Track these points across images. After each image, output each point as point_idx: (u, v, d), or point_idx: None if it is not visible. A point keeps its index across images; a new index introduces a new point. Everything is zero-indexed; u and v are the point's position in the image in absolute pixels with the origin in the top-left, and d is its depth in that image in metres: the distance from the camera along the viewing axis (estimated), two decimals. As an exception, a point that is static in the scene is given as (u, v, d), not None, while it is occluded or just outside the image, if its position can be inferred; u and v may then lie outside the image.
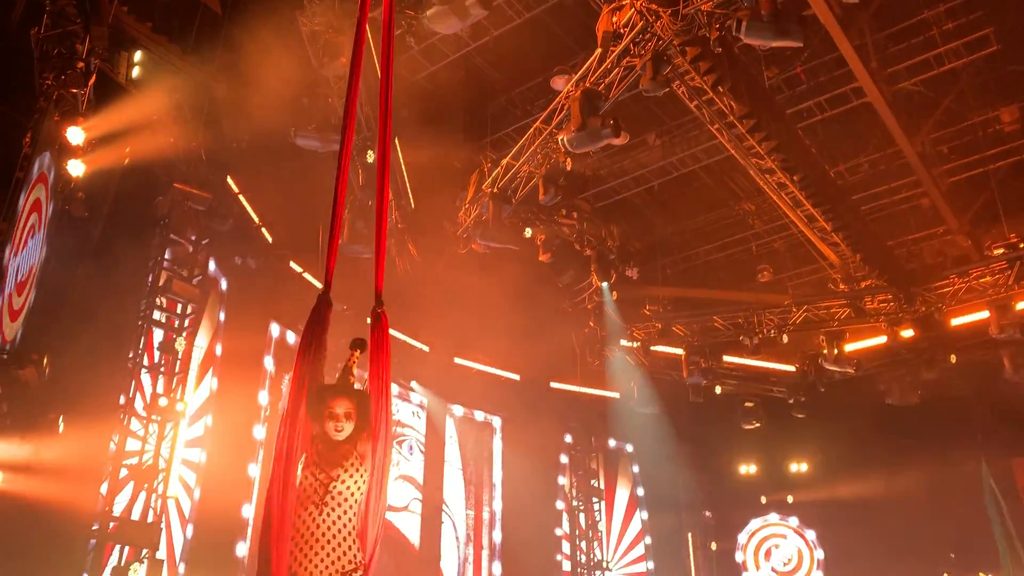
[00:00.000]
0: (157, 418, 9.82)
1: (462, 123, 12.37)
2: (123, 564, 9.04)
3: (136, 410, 9.75)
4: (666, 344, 15.06)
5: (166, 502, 9.73)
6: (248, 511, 10.78)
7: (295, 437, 3.83)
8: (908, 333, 13.29)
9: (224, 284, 11.66)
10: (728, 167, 13.17)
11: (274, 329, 12.39)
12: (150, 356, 10.24)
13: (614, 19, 9.51)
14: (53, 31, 8.12)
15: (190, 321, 10.63)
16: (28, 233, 7.64)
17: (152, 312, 10.22)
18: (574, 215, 12.64)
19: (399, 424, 14.25)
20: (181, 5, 10.45)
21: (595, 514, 16.43)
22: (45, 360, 6.79)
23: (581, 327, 15.34)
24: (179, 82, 9.81)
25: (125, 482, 9.41)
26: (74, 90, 7.88)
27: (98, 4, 8.28)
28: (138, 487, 9.45)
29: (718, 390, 15.08)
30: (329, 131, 10.09)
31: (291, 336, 12.47)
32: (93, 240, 8.95)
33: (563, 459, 16.69)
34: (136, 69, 9.07)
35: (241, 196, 11.31)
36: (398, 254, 12.09)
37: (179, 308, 10.61)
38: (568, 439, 16.82)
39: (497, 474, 15.64)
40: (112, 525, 9.09)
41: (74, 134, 8.00)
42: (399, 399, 14.33)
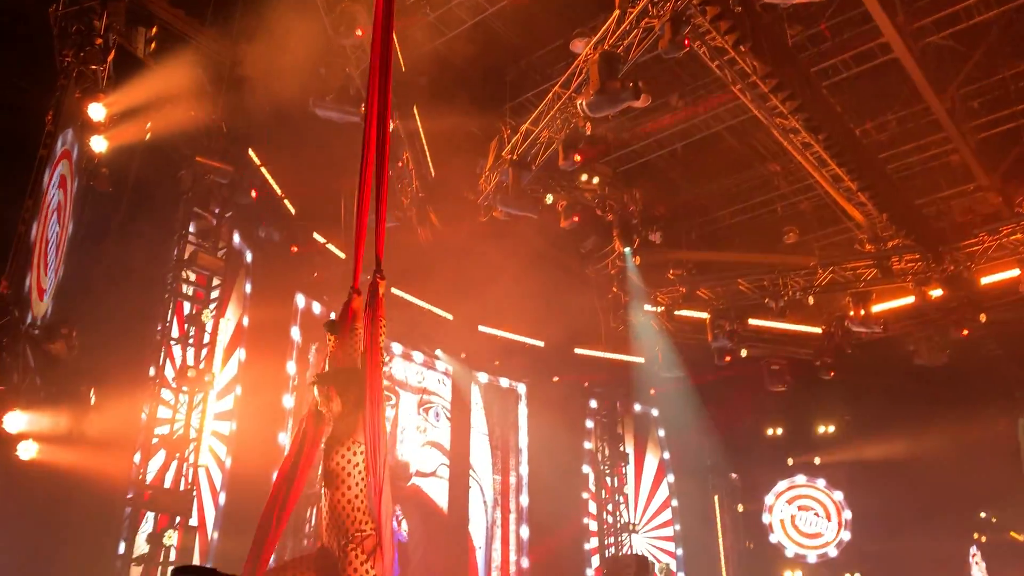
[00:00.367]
0: (187, 389, 10.02)
1: (481, 89, 12.28)
2: (158, 531, 9.30)
3: (166, 381, 9.96)
4: (690, 308, 14.99)
5: (197, 471, 9.95)
6: (279, 478, 10.97)
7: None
8: (937, 293, 13.11)
9: (249, 256, 11.78)
10: (753, 127, 12.94)
11: (299, 300, 12.53)
12: (181, 328, 10.42)
13: (632, -21, 9.34)
14: (71, 8, 8.14)
15: (218, 293, 10.78)
16: (54, 210, 7.75)
17: (179, 285, 10.38)
18: (595, 180, 12.55)
19: (425, 392, 14.40)
20: (197, -22, 10.42)
21: (622, 478, 16.55)
22: (74, 334, 6.93)
23: (604, 293, 15.30)
24: (198, 55, 9.82)
25: (157, 451, 9.64)
26: (93, 67, 7.90)
27: (115, -21, 8.29)
28: (170, 456, 9.68)
29: (744, 353, 15.02)
30: (347, 102, 10.07)
31: (316, 307, 12.60)
32: (118, 215, 9.06)
33: (588, 424, 16.80)
34: (154, 44, 9.08)
35: (263, 168, 11.37)
36: (419, 223, 12.09)
37: (205, 281, 10.78)
38: (593, 404, 16.91)
39: (523, 439, 15.79)
40: (146, 493, 9.33)
41: (95, 110, 8.04)
42: (424, 367, 14.48)
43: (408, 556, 13.18)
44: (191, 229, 10.70)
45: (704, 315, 14.79)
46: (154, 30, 9.35)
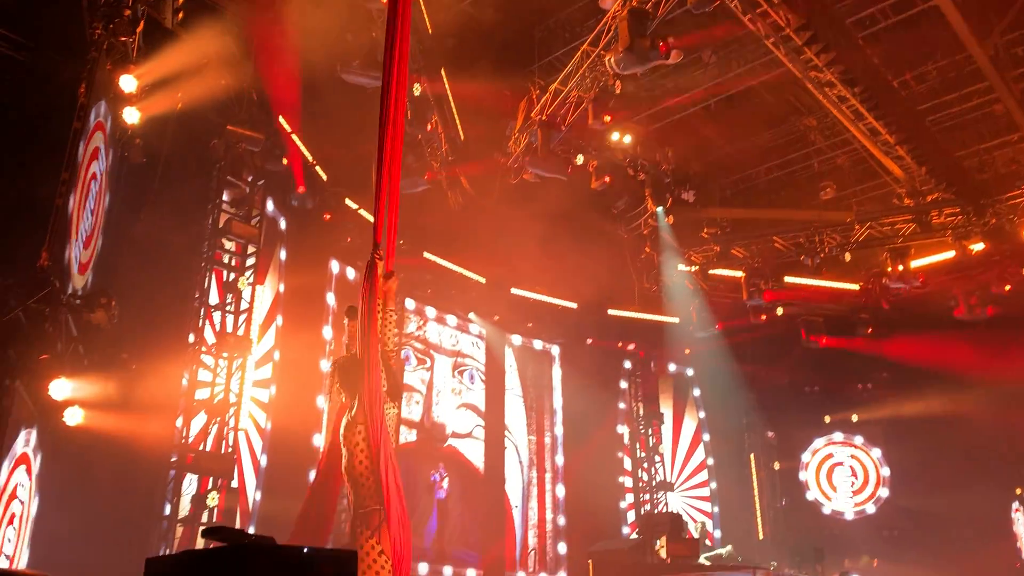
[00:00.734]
0: (226, 354, 10.24)
1: (509, 49, 12.13)
2: (202, 493, 9.57)
3: (206, 346, 10.17)
4: (725, 267, 14.86)
5: (238, 434, 10.19)
6: (318, 440, 11.22)
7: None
8: (978, 247, 12.83)
9: (283, 223, 11.91)
10: (788, 81, 12.65)
11: (334, 266, 12.66)
12: (220, 295, 10.62)
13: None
14: (99, -21, 8.18)
15: (254, 260, 10.93)
16: (89, 181, 7.88)
17: (215, 253, 10.54)
18: (626, 139, 12.40)
19: (459, 355, 14.53)
20: (223, -55, 10.38)
21: (657, 436, 16.61)
22: (114, 303, 7.08)
23: (637, 253, 15.22)
24: (225, 24, 9.83)
25: (198, 415, 9.89)
26: (123, 38, 7.95)
27: (140, -50, 8.29)
28: (210, 420, 9.93)
29: (780, 311, 14.89)
30: (374, 67, 10.04)
31: (351, 272, 12.73)
32: (153, 185, 9.19)
33: (623, 384, 16.83)
34: (182, 13, 9.10)
35: (294, 135, 11.42)
36: (449, 187, 12.09)
37: (241, 249, 10.93)
38: (627, 365, 16.92)
39: (557, 400, 15.89)
40: (189, 456, 9.59)
41: (127, 82, 8.11)
42: (457, 330, 14.59)
43: (448, 512, 13.45)
44: (224, 198, 10.83)
45: (739, 273, 14.67)
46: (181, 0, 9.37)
